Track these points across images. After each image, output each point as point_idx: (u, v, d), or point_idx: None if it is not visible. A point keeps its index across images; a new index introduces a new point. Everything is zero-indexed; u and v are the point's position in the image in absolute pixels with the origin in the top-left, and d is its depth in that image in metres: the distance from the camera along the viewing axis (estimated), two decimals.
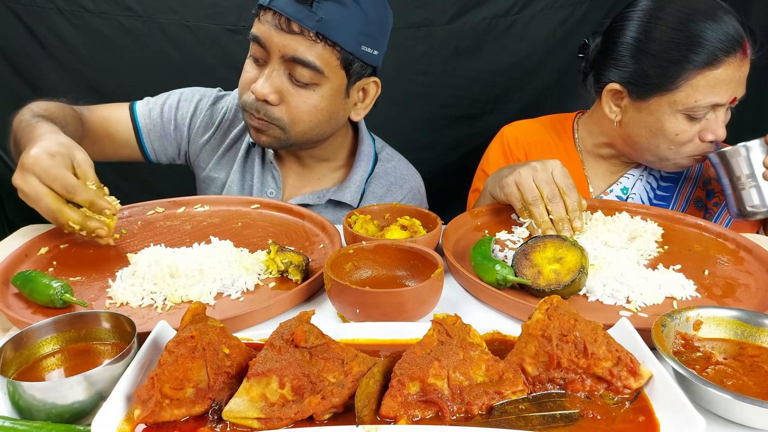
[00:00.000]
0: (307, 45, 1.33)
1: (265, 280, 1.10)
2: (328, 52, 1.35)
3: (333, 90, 1.41)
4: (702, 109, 1.41)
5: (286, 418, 0.69)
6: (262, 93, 1.37)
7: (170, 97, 1.70)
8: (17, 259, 1.13)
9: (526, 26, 2.29)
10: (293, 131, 1.44)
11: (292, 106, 1.40)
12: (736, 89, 1.41)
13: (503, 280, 1.03)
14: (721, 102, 1.40)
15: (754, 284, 1.10)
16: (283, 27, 1.32)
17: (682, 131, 1.44)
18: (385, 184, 1.63)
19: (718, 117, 1.43)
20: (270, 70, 1.38)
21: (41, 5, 2.15)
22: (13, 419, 0.72)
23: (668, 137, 1.46)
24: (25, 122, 1.29)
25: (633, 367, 0.75)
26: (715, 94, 1.39)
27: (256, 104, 1.40)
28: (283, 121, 1.41)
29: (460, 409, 0.71)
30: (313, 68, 1.35)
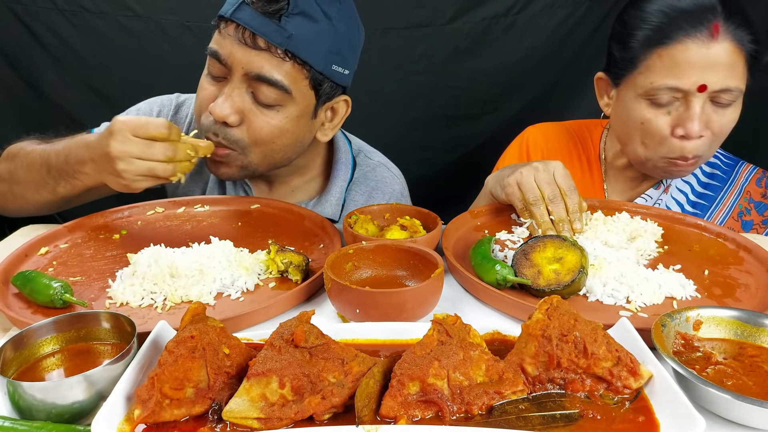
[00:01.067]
0: (274, 63, 1.23)
1: (265, 280, 1.10)
2: (297, 71, 1.25)
3: (299, 111, 1.30)
4: (662, 94, 1.33)
5: (286, 418, 0.69)
6: (221, 114, 1.25)
7: (129, 112, 1.55)
8: (17, 259, 1.13)
9: (526, 26, 2.29)
10: (253, 154, 1.32)
11: (254, 126, 1.28)
12: (705, 75, 1.29)
13: (503, 280, 1.03)
14: (681, 86, 1.30)
15: (754, 284, 1.10)
16: (247, 42, 1.22)
17: (646, 120, 1.37)
18: (365, 190, 1.55)
19: (690, 108, 1.32)
20: (230, 88, 1.26)
21: (41, 5, 2.15)
22: (13, 419, 0.72)
23: (637, 127, 1.39)
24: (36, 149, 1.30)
25: (633, 367, 0.75)
26: (672, 76, 1.31)
27: (214, 127, 1.28)
28: (243, 142, 1.29)
29: (460, 409, 0.71)
30: (279, 88, 1.24)
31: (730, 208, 1.55)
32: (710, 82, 1.30)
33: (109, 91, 2.29)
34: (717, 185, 1.56)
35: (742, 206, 1.54)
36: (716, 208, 1.55)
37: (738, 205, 1.54)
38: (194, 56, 2.25)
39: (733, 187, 1.56)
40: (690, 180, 1.58)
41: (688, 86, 1.30)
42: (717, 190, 1.56)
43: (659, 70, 1.33)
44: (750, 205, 1.54)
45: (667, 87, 1.32)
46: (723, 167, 1.58)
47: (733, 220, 1.55)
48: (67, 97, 2.29)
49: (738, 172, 1.57)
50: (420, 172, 1.83)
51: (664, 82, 1.32)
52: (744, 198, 1.55)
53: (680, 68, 1.30)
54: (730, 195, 1.55)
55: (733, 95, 1.32)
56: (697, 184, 1.58)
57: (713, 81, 1.30)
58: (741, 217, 1.54)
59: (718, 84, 1.30)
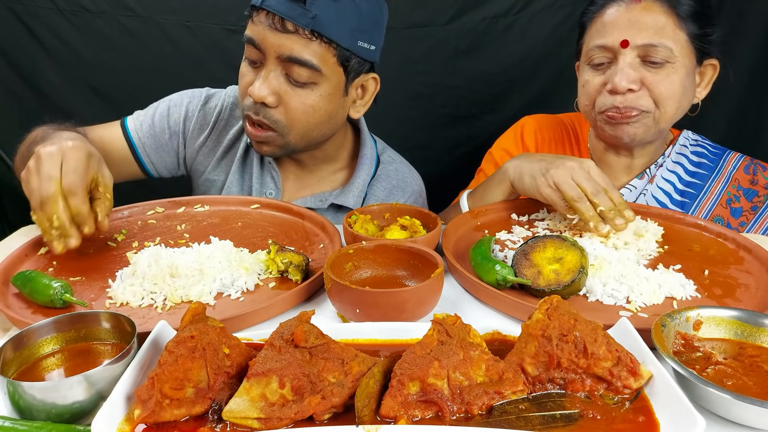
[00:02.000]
0: (302, 43, 1.31)
1: (265, 280, 1.10)
2: (324, 50, 1.33)
3: (331, 88, 1.39)
4: (595, 54, 1.45)
5: (286, 418, 0.69)
6: (260, 95, 1.35)
7: (159, 106, 1.66)
8: (17, 259, 1.13)
9: (527, 26, 2.28)
10: (292, 134, 1.42)
11: (290, 107, 1.38)
12: (628, 31, 1.39)
13: (503, 280, 1.03)
14: (606, 43, 1.41)
15: (754, 284, 1.10)
16: (277, 26, 1.30)
17: (585, 81, 1.49)
18: (387, 187, 1.62)
19: (617, 65, 1.41)
20: (266, 71, 1.36)
21: (41, 5, 2.15)
22: (13, 419, 0.72)
23: (580, 91, 1.51)
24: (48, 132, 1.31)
25: (633, 367, 0.75)
26: (601, 36, 1.43)
27: (255, 107, 1.39)
28: (282, 123, 1.40)
29: (460, 409, 0.71)
30: (310, 67, 1.33)
31: (719, 195, 1.57)
32: (633, 38, 1.39)
33: (109, 91, 2.29)
34: (704, 173, 1.59)
35: (730, 193, 1.56)
36: (704, 196, 1.57)
37: (726, 192, 1.57)
38: (194, 56, 2.26)
39: (721, 175, 1.58)
40: (676, 169, 1.60)
41: (612, 42, 1.41)
42: (704, 178, 1.59)
43: (593, 34, 1.47)
44: (739, 192, 1.56)
45: (596, 46, 1.45)
46: (710, 156, 1.61)
47: (721, 207, 1.56)
48: (67, 97, 2.28)
49: (725, 160, 1.60)
50: (420, 171, 1.83)
51: (595, 42, 1.45)
52: (732, 185, 1.57)
53: (606, 29, 1.43)
54: (718, 183, 1.58)
55: (662, 53, 1.38)
56: (684, 173, 1.60)
57: (636, 37, 1.39)
58: (730, 204, 1.56)
59: (641, 39, 1.38)
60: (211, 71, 2.28)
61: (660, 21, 1.38)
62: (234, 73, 2.27)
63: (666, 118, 1.45)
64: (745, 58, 2.24)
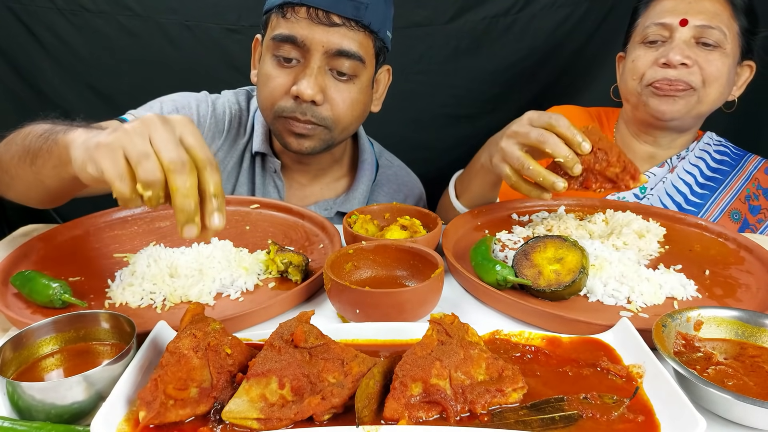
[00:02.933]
0: (350, 36, 1.29)
1: (264, 280, 1.10)
2: (367, 39, 1.32)
3: (368, 80, 1.39)
4: (651, 32, 1.52)
5: (285, 419, 0.68)
6: (311, 94, 1.30)
7: (163, 105, 1.51)
8: (17, 259, 1.13)
9: (527, 26, 2.28)
10: (337, 129, 1.39)
11: (336, 103, 1.35)
12: (687, 11, 1.48)
13: (503, 280, 1.03)
14: (665, 21, 1.49)
15: (755, 284, 1.10)
16: (323, 20, 1.27)
17: (637, 56, 1.55)
18: (388, 191, 1.61)
19: (674, 42, 1.48)
20: (312, 68, 1.31)
21: (40, 5, 2.15)
22: (13, 419, 0.72)
23: (629, 67, 1.57)
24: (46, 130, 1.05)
25: (634, 174, 1.12)
26: (659, 16, 1.52)
27: (301, 107, 1.34)
28: (329, 120, 1.37)
29: (464, 408, 0.71)
30: (357, 59, 1.31)
31: (738, 190, 1.62)
32: (691, 19, 1.47)
33: (109, 91, 2.29)
34: (725, 169, 1.64)
35: (750, 191, 1.61)
36: (724, 189, 1.62)
37: (746, 189, 1.62)
38: (194, 56, 2.26)
39: (741, 173, 1.64)
40: (698, 163, 1.65)
41: (671, 20, 1.49)
42: (725, 174, 1.64)
43: (651, 14, 1.55)
44: (758, 191, 1.62)
45: (654, 24, 1.52)
46: (732, 155, 1.67)
47: (740, 202, 1.61)
48: (66, 97, 2.28)
49: (746, 161, 1.66)
50: (420, 172, 1.84)
51: (653, 20, 1.53)
52: (752, 183, 1.61)
53: (666, 10, 1.52)
54: (738, 179, 1.63)
55: (716, 35, 1.47)
56: (706, 168, 1.65)
57: (694, 18, 1.47)
58: (748, 200, 1.61)
59: (699, 21, 1.47)
60: (210, 71, 2.28)
61: (717, 8, 1.48)
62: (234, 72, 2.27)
63: (708, 101, 1.52)
64: None
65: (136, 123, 0.81)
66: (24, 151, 1.09)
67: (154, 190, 0.78)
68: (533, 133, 1.14)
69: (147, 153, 0.77)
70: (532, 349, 0.84)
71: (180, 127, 0.82)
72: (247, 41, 2.23)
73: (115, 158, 0.78)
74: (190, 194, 0.78)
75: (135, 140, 0.78)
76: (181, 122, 0.83)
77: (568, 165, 1.12)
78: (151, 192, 0.78)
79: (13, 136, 1.18)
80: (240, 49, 2.26)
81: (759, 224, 1.58)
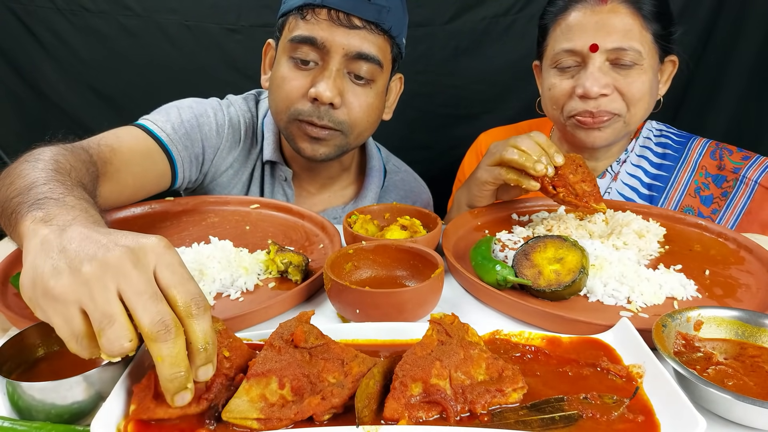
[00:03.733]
0: (370, 39, 1.28)
1: (264, 281, 1.10)
2: (386, 43, 1.32)
3: (383, 86, 1.38)
4: (563, 58, 1.43)
5: (285, 419, 0.68)
6: (330, 96, 1.28)
7: (181, 113, 1.42)
8: (16, 259, 1.13)
9: (526, 26, 2.28)
10: (352, 134, 1.38)
11: (353, 106, 1.34)
12: (596, 35, 1.37)
13: (503, 280, 1.03)
14: (575, 47, 1.40)
15: (755, 284, 1.10)
16: (344, 23, 1.26)
17: (552, 85, 1.47)
18: (396, 197, 1.62)
19: (587, 70, 1.39)
20: (330, 71, 1.30)
21: (40, 5, 2.15)
22: (12, 419, 0.72)
23: (547, 95, 1.50)
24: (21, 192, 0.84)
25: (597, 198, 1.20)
26: (567, 40, 1.41)
27: (319, 111, 1.32)
28: (346, 124, 1.35)
29: (464, 408, 0.71)
30: (376, 63, 1.30)
31: (686, 185, 1.57)
32: (602, 42, 1.37)
33: (109, 91, 2.29)
34: (669, 164, 1.59)
35: (698, 182, 1.56)
36: (672, 187, 1.57)
37: (694, 181, 1.56)
38: (194, 56, 2.26)
39: (687, 164, 1.58)
40: (641, 163, 1.60)
41: (581, 47, 1.40)
42: (670, 169, 1.58)
43: (558, 37, 1.45)
44: (707, 179, 1.56)
45: (564, 50, 1.42)
46: (674, 145, 1.61)
47: (690, 197, 1.56)
48: (66, 97, 2.29)
49: (690, 148, 1.59)
50: (420, 171, 1.84)
51: (561, 46, 1.43)
52: (699, 173, 1.56)
53: (573, 32, 1.41)
54: (684, 172, 1.57)
55: (631, 56, 1.38)
56: (650, 165, 1.60)
57: (605, 41, 1.37)
58: (698, 192, 1.56)
59: (611, 43, 1.37)
60: (210, 71, 2.28)
61: (627, 23, 1.37)
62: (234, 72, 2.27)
63: (635, 120, 1.47)
64: (745, 58, 2.24)
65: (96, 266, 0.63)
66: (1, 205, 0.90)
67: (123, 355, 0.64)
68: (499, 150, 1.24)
69: (112, 316, 0.61)
70: (532, 349, 0.84)
71: (154, 258, 0.65)
72: (246, 41, 2.25)
73: (68, 315, 0.63)
74: (180, 362, 0.63)
75: (96, 295, 0.61)
76: (155, 250, 0.66)
77: (527, 165, 1.20)
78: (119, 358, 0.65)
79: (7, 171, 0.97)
80: (240, 49, 2.27)
81: (714, 215, 1.53)
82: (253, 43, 2.22)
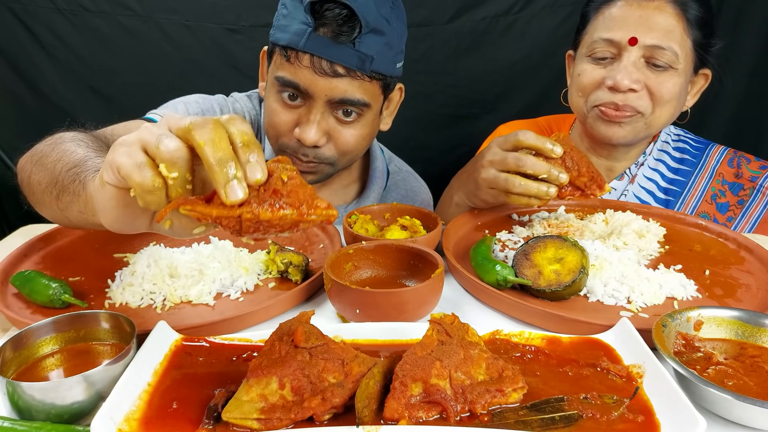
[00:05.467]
0: (355, 85, 1.27)
1: (264, 280, 1.10)
2: (374, 84, 1.31)
3: (374, 115, 1.38)
4: (599, 47, 1.40)
5: (285, 419, 0.68)
6: (313, 140, 1.30)
7: (187, 107, 1.47)
8: (17, 259, 1.13)
9: (527, 26, 2.29)
10: (341, 163, 1.41)
11: (340, 142, 1.35)
12: (637, 29, 1.36)
13: (503, 280, 1.03)
14: (614, 38, 1.38)
15: (755, 284, 1.10)
16: (327, 71, 1.24)
17: (583, 71, 1.45)
18: (396, 197, 1.62)
19: (621, 63, 1.38)
20: (315, 114, 1.30)
21: (40, 5, 2.15)
22: (13, 419, 0.72)
23: (575, 81, 1.48)
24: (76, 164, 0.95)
25: (600, 184, 1.18)
26: (608, 30, 1.39)
27: (304, 149, 1.34)
28: (333, 158, 1.37)
29: (464, 408, 0.71)
30: (362, 105, 1.30)
31: (703, 191, 1.55)
32: (642, 37, 1.35)
33: (109, 91, 2.29)
34: (687, 170, 1.57)
35: (715, 189, 1.54)
36: (688, 192, 1.56)
37: (711, 188, 1.55)
38: (194, 56, 2.26)
39: (704, 170, 1.56)
40: (658, 167, 1.58)
41: (620, 38, 1.37)
42: (688, 174, 1.57)
43: (599, 26, 1.42)
44: (724, 186, 1.54)
45: (602, 39, 1.40)
46: (692, 151, 1.59)
47: (706, 203, 1.54)
48: (66, 97, 2.29)
49: (708, 155, 1.58)
50: (420, 172, 1.84)
51: (600, 35, 1.41)
52: (716, 180, 1.55)
53: (615, 22, 1.39)
54: (702, 178, 1.56)
55: (668, 56, 1.36)
56: (667, 170, 1.58)
57: (645, 37, 1.35)
58: (715, 199, 1.54)
59: (650, 40, 1.35)
60: (210, 71, 2.28)
61: (671, 23, 1.36)
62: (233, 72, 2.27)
63: (658, 123, 1.45)
64: (745, 58, 2.24)
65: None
66: (51, 181, 0.99)
67: (180, 170, 0.66)
68: (510, 159, 1.17)
69: (165, 133, 0.67)
70: (532, 349, 0.84)
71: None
72: (247, 41, 2.25)
73: (131, 152, 0.68)
74: (221, 147, 0.64)
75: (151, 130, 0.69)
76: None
77: (551, 178, 1.15)
78: (176, 172, 0.66)
79: (43, 151, 1.06)
80: (240, 49, 2.27)
81: (729, 223, 1.52)
82: (253, 43, 2.22)
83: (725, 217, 1.53)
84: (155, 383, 0.75)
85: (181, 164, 0.66)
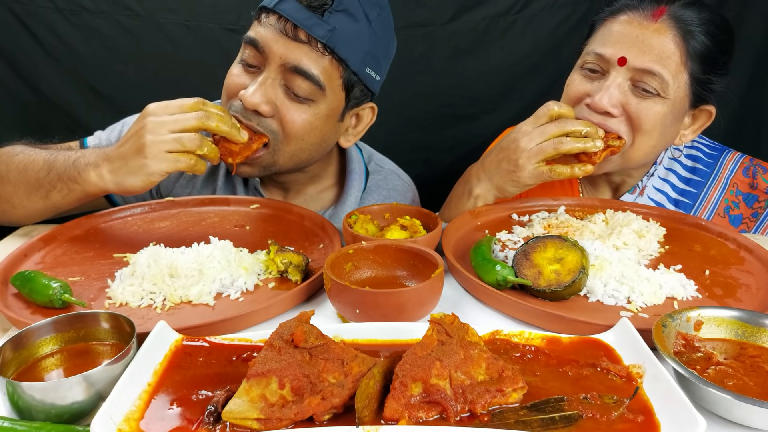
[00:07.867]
0: (313, 56, 1.24)
1: (264, 281, 1.10)
2: (333, 68, 1.26)
3: (329, 110, 1.31)
4: (590, 60, 1.33)
5: (285, 419, 0.68)
6: (253, 102, 1.25)
7: (123, 127, 1.51)
8: (17, 259, 1.13)
9: (527, 26, 2.29)
10: (283, 150, 1.32)
11: (287, 119, 1.28)
12: (630, 49, 1.27)
13: (503, 280, 1.03)
14: (604, 53, 1.29)
15: (755, 284, 1.10)
16: (288, 33, 1.23)
17: (572, 80, 1.38)
18: (378, 198, 1.56)
19: (606, 81, 1.29)
20: (264, 77, 1.26)
21: (40, 5, 2.15)
22: (13, 419, 0.72)
23: (565, 89, 1.41)
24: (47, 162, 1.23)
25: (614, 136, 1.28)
26: (602, 44, 1.32)
27: (247, 114, 1.28)
28: (279, 134, 1.29)
29: (464, 408, 0.71)
30: (314, 82, 1.25)
31: (716, 203, 1.47)
32: (632, 59, 1.27)
33: (109, 90, 2.29)
34: (699, 180, 1.48)
35: (728, 200, 1.46)
36: (701, 204, 1.48)
37: (724, 200, 1.46)
38: (194, 56, 2.26)
39: (718, 180, 1.48)
40: (669, 177, 1.50)
41: (610, 55, 1.29)
42: (700, 185, 1.48)
43: (597, 38, 1.36)
44: (738, 198, 1.46)
45: (594, 53, 1.33)
46: (705, 159, 1.50)
47: (719, 217, 1.47)
48: (66, 96, 2.28)
49: (722, 164, 1.48)
50: (420, 172, 1.84)
51: (594, 48, 1.34)
52: (730, 191, 1.47)
53: (611, 38, 1.31)
54: (715, 189, 1.47)
55: (657, 83, 1.27)
56: (678, 180, 1.50)
57: (636, 59, 1.27)
58: (728, 212, 1.46)
59: (641, 62, 1.26)
60: (210, 71, 2.27)
61: (668, 49, 1.27)
62: None
63: (636, 157, 1.35)
64: (746, 58, 2.24)
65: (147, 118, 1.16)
66: (33, 186, 1.23)
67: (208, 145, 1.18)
68: (550, 127, 1.27)
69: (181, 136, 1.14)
70: (532, 349, 0.84)
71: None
72: None
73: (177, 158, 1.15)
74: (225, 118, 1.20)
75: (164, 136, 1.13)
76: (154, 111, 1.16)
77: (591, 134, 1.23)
78: (206, 147, 1.17)
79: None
80: (240, 49, 2.26)
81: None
82: None
83: (737, 230, 1.44)
84: (155, 383, 0.75)
85: (204, 143, 1.17)
